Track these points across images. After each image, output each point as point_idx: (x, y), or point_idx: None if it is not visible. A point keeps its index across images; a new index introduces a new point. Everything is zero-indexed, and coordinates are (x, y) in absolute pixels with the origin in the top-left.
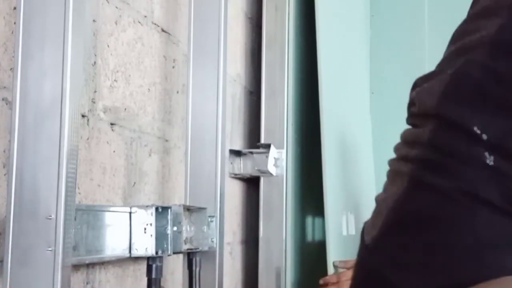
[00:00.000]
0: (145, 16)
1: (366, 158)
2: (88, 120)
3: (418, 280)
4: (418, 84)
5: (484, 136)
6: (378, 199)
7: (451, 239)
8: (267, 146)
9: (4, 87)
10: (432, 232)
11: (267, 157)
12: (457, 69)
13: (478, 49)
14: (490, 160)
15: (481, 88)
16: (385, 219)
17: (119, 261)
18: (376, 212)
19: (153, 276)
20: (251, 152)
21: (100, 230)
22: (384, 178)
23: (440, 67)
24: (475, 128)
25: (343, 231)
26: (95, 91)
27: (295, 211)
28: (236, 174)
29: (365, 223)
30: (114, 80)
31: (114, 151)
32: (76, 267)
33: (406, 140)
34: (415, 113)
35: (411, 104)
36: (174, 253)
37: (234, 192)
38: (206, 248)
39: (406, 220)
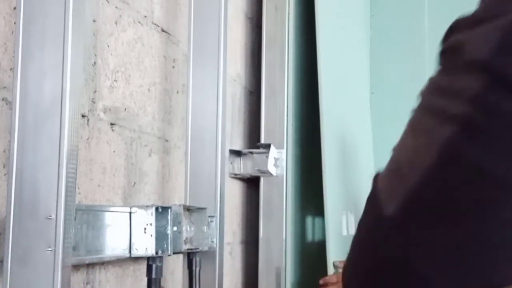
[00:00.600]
0: (145, 16)
1: (366, 158)
2: (88, 120)
3: (456, 277)
4: (461, 26)
5: None
6: (396, 151)
7: (493, 231)
8: (267, 146)
9: (4, 87)
10: (470, 222)
11: (267, 157)
12: None
13: None
14: None
15: None
16: (411, 193)
17: (119, 261)
18: (396, 168)
19: (153, 276)
20: (251, 152)
21: (100, 230)
22: None
23: (490, 11)
24: None
25: (343, 231)
26: (95, 91)
27: (295, 211)
28: (236, 174)
29: (378, 173)
30: (114, 80)
31: (114, 151)
32: (76, 267)
33: (444, 88)
34: (461, 60)
35: (452, 49)
36: (174, 253)
37: (234, 192)
38: (206, 248)
39: (438, 203)
